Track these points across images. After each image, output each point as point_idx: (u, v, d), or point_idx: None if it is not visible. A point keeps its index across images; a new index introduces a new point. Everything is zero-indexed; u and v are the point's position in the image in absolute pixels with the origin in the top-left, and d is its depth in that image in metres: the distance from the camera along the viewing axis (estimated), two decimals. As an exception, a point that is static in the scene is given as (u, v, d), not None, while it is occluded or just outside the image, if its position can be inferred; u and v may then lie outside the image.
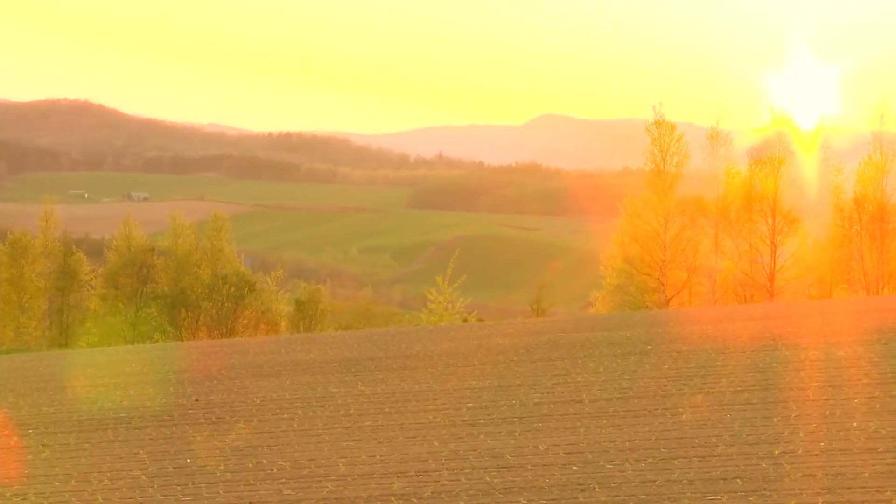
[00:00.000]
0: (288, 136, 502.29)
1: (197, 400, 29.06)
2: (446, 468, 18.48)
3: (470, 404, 25.10)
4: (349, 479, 18.37)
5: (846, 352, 28.69)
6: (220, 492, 18.28)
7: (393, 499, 16.72)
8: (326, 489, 17.75)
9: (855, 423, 19.35)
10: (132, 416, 27.24)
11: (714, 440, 18.89)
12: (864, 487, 14.99)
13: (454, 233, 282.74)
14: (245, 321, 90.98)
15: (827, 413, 20.60)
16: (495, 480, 17.28)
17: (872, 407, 20.87)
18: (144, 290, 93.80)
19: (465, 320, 77.34)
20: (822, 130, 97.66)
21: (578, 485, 16.56)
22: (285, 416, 25.60)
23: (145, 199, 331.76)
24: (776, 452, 17.52)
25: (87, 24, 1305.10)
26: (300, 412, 25.85)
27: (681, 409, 22.25)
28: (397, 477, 18.10)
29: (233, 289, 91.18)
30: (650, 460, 17.75)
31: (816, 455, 17.23)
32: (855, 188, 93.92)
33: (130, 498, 18.37)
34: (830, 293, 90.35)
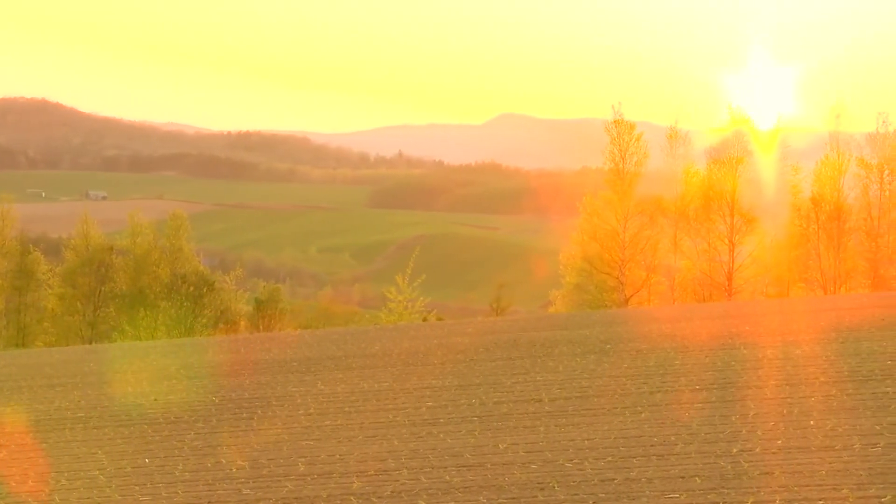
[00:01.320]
0: (247, 134, 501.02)
1: (156, 399, 28.94)
2: (406, 467, 18.48)
3: (430, 403, 25.10)
4: (309, 478, 18.34)
5: (804, 350, 28.85)
6: (179, 492, 18.21)
7: (352, 498, 16.70)
8: (286, 489, 17.71)
9: (812, 422, 19.47)
10: (90, 415, 27.10)
11: (673, 438, 18.96)
12: (820, 485, 15.08)
13: (414, 232, 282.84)
14: (204, 320, 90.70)
15: (784, 411, 20.72)
16: (455, 479, 17.30)
17: (829, 405, 21.01)
18: (103, 289, 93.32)
19: (424, 319, 77.31)
20: (780, 130, 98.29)
21: (538, 483, 16.59)
22: (244, 415, 25.54)
23: (103, 198, 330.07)
24: (734, 450, 17.61)
25: (44, 22, 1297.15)
26: (259, 411, 25.79)
27: (640, 408, 22.32)
28: (357, 476, 18.09)
29: (192, 288, 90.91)
30: (609, 459, 17.80)
31: (774, 453, 17.32)
32: (812, 187, 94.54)
33: (88, 498, 18.27)
34: (788, 292, 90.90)
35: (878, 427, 18.57)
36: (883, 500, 14.13)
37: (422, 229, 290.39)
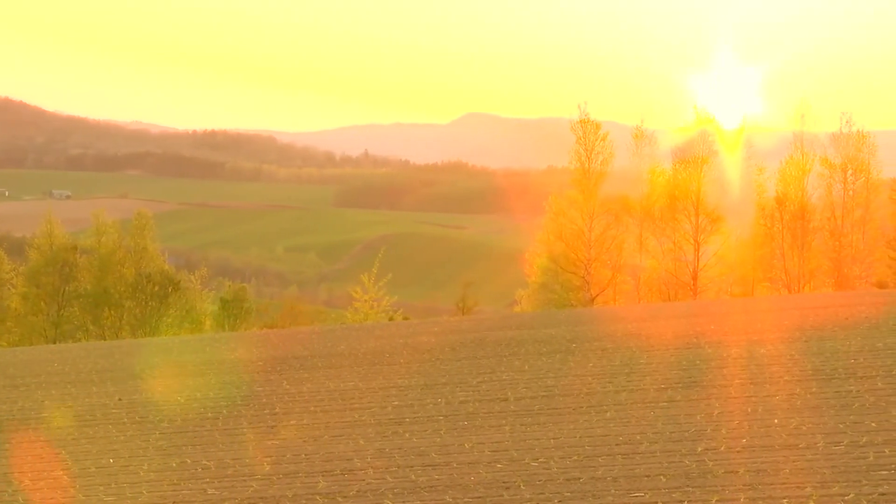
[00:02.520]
0: (212, 133, 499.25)
1: (120, 399, 28.82)
2: (372, 467, 18.46)
3: (396, 403, 25.09)
4: (274, 478, 18.30)
5: (768, 349, 28.98)
6: (144, 492, 18.14)
7: (318, 497, 16.67)
8: (251, 488, 17.67)
9: (776, 420, 19.55)
10: (53, 415, 26.96)
11: (638, 437, 19.00)
12: (784, 483, 15.15)
13: (380, 231, 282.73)
14: (169, 320, 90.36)
15: (749, 410, 20.80)
16: (421, 479, 17.29)
17: (793, 404, 21.10)
18: (67, 288, 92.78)
19: (390, 319, 77.29)
20: (745, 130, 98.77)
21: (503, 482, 16.60)
22: (209, 414, 25.45)
23: (68, 197, 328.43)
24: (699, 449, 17.67)
25: (7, 20, 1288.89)
26: (225, 411, 25.72)
27: (605, 407, 22.37)
28: (322, 476, 18.06)
29: (157, 287, 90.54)
30: (575, 458, 17.83)
31: (738, 452, 17.39)
32: (777, 187, 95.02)
33: (51, 498, 18.18)
34: (752, 291, 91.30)
35: (841, 425, 18.67)
36: (846, 497, 14.21)
37: (388, 229, 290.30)
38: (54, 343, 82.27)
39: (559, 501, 15.29)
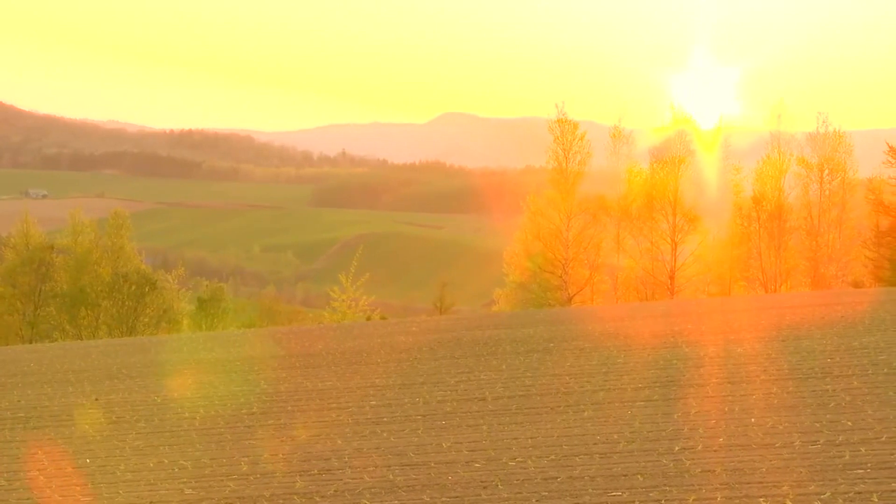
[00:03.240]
0: (189, 133, 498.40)
1: (97, 399, 28.72)
2: (349, 466, 18.44)
3: (373, 402, 25.07)
4: (251, 477, 18.26)
5: (745, 348, 29.06)
6: (120, 492, 18.08)
7: (295, 497, 16.64)
8: (228, 488, 17.62)
9: (753, 419, 19.60)
10: (30, 415, 26.86)
11: (615, 437, 19.03)
12: (761, 482, 15.19)
13: (357, 231, 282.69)
14: (146, 319, 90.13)
15: (726, 409, 20.84)
16: (399, 478, 17.28)
17: (770, 403, 21.16)
18: (43, 288, 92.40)
19: (368, 318, 77.24)
20: (722, 130, 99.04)
21: (481, 482, 16.60)
22: (186, 414, 25.39)
23: (44, 197, 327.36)
24: (676, 448, 17.70)
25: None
26: (202, 411, 25.65)
27: (583, 406, 22.40)
28: (300, 475, 18.03)
29: (133, 287, 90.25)
30: (552, 457, 17.84)
31: (715, 451, 17.43)
32: (754, 187, 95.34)
33: (28, 499, 18.11)
34: (729, 290, 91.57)
35: (817, 424, 18.73)
36: (822, 496, 14.25)
37: (365, 228, 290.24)
38: (30, 343, 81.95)
39: (537, 501, 15.29)
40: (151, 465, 20.01)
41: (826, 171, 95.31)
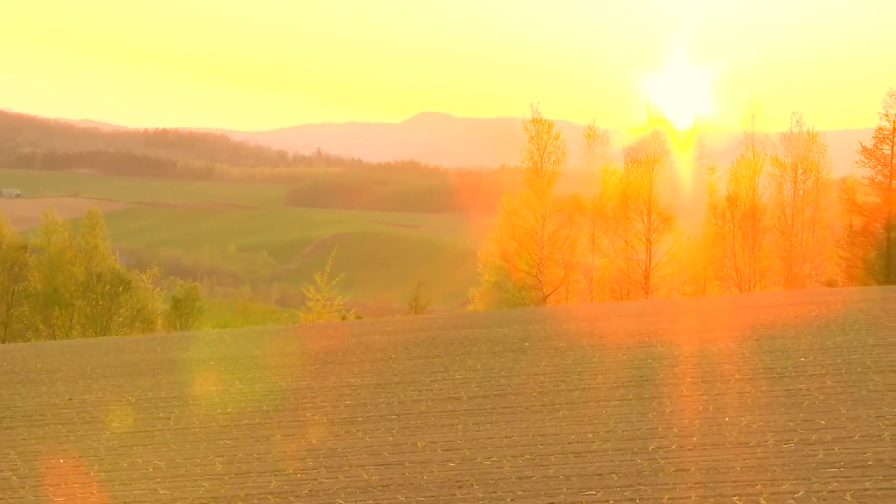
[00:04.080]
0: (164, 132, 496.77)
1: (70, 399, 28.62)
2: (324, 466, 18.42)
3: (348, 402, 25.05)
4: (226, 477, 18.22)
5: (719, 348, 29.15)
6: (94, 492, 18.02)
7: (270, 497, 16.61)
8: (203, 488, 17.58)
9: (727, 418, 19.66)
10: (3, 415, 26.74)
11: (590, 436, 19.06)
12: (735, 481, 15.23)
13: (333, 230, 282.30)
14: (120, 319, 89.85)
15: (700, 408, 20.90)
16: (373, 478, 17.26)
17: (744, 402, 21.23)
18: (16, 288, 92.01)
19: (343, 318, 77.19)
20: (697, 130, 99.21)
21: (456, 481, 16.60)
22: (161, 414, 25.33)
23: (17, 196, 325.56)
24: (651, 448, 17.73)
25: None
26: (177, 410, 25.59)
27: (558, 406, 22.42)
28: (274, 475, 18.00)
29: (107, 287, 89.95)
30: (527, 456, 17.85)
31: (690, 450, 17.47)
32: (728, 186, 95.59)
33: (1, 499, 18.02)
34: (704, 290, 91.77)
35: (791, 423, 18.79)
36: (796, 495, 14.30)
37: (340, 228, 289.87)
38: (3, 343, 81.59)
39: (512, 500, 15.30)
40: (125, 465, 19.95)
41: (800, 171, 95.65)
